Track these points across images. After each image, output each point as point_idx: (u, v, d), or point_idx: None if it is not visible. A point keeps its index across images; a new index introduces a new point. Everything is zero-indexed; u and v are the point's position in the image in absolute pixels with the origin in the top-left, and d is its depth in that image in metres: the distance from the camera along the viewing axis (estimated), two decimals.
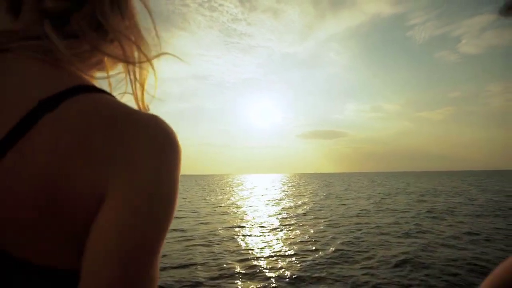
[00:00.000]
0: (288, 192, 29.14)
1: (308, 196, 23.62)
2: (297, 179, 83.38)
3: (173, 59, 0.48)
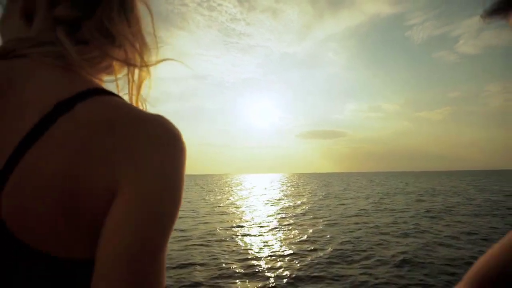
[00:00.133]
0: (287, 192, 29.14)
1: (307, 196, 23.63)
2: (296, 179, 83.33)
3: (173, 59, 0.51)
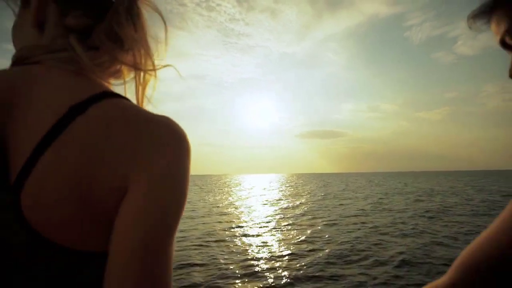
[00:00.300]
0: (286, 192, 29.14)
1: (306, 196, 23.64)
2: (295, 179, 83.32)
3: (173, 59, 0.54)
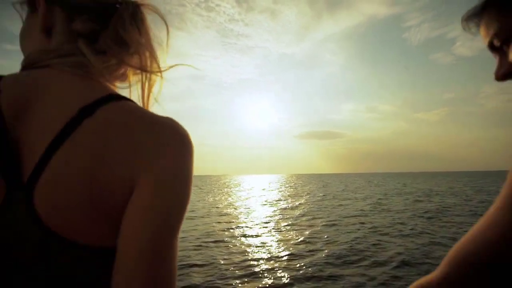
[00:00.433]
0: (286, 193, 29.16)
1: (306, 197, 23.66)
2: (295, 179, 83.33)
3: (172, 59, 0.55)
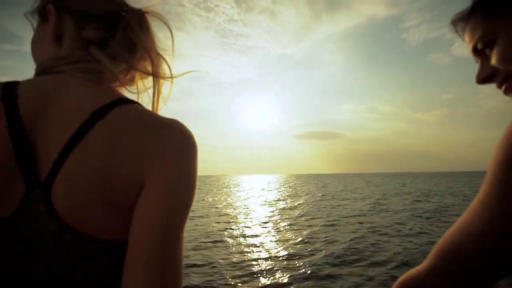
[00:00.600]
0: (285, 193, 29.17)
1: (305, 197, 23.67)
2: (294, 180, 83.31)
3: (172, 59, 0.57)
